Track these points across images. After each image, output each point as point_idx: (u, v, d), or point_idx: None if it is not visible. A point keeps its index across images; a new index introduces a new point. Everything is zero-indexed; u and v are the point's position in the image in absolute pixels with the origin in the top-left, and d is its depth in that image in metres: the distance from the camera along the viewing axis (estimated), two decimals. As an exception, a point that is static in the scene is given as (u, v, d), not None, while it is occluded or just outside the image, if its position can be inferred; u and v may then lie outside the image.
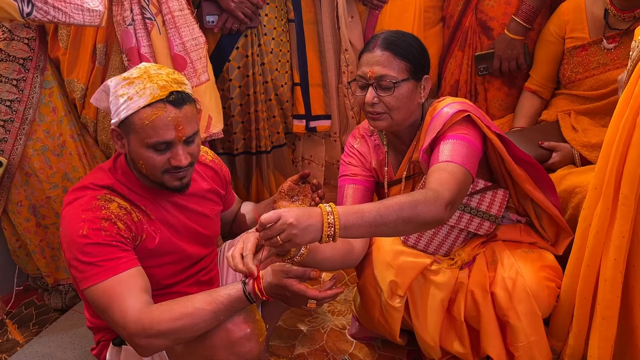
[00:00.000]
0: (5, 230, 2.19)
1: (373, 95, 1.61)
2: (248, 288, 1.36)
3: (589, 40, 2.04)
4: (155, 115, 1.38)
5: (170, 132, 1.40)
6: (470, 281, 1.68)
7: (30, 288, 2.47)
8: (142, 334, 1.31)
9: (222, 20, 2.16)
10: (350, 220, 1.28)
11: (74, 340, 1.93)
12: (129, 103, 1.39)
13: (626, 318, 1.51)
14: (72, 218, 1.41)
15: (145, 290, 1.39)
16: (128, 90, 1.40)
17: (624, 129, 1.35)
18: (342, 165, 1.89)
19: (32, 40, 1.95)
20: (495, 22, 2.29)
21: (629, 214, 1.38)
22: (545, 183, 1.73)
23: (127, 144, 1.45)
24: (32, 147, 2.02)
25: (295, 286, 1.34)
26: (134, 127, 1.40)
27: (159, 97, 1.39)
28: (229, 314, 1.37)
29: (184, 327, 1.32)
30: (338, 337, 2.09)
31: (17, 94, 1.95)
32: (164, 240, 1.53)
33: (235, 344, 1.38)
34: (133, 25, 1.87)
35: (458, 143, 1.54)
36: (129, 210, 1.47)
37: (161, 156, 1.43)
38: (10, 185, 2.05)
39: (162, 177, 1.47)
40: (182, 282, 1.63)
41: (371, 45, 1.64)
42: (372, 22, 2.48)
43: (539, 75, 2.22)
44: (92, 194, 1.45)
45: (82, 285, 1.38)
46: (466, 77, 2.39)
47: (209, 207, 1.70)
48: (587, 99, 2.07)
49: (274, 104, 2.41)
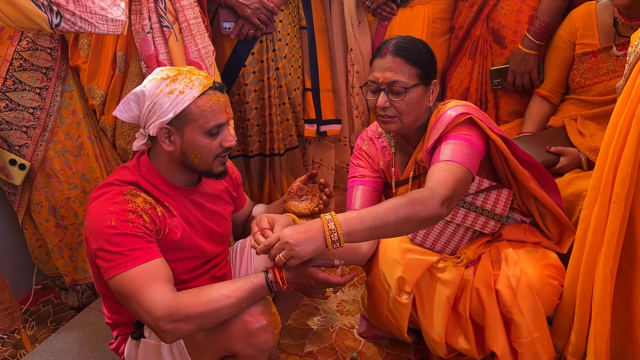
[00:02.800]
0: (27, 230, 2.26)
1: (385, 99, 1.67)
2: (270, 277, 1.42)
3: (598, 47, 2.08)
4: (211, 101, 1.51)
5: (223, 114, 1.54)
6: (475, 279, 1.72)
7: (47, 287, 2.54)
8: (169, 318, 1.35)
9: (238, 27, 2.24)
10: (352, 226, 1.36)
11: (91, 337, 1.99)
12: (182, 96, 1.48)
13: (626, 315, 1.54)
14: (99, 211, 1.46)
15: (169, 279, 1.44)
16: (176, 86, 1.49)
17: (621, 131, 1.39)
18: (351, 167, 1.95)
19: (54, 50, 2.03)
20: (507, 30, 2.33)
21: (619, 212, 1.42)
22: (548, 183, 1.77)
23: (180, 138, 1.52)
24: (52, 148, 2.10)
25: (320, 274, 1.41)
26: (192, 116, 1.50)
27: (209, 85, 1.52)
28: (251, 301, 1.43)
29: (209, 312, 1.37)
30: (347, 335, 2.13)
31: (39, 101, 2.03)
32: (184, 236, 1.59)
33: (253, 335, 1.44)
34: (151, 33, 1.93)
35: (459, 143, 1.59)
36: (153, 205, 1.52)
37: (215, 141, 1.54)
38: (31, 187, 2.13)
39: (212, 163, 1.57)
40: (198, 278, 1.68)
41: (383, 51, 1.69)
42: (381, 33, 2.53)
43: (549, 80, 2.26)
44: (118, 189, 1.51)
45: (109, 274, 1.42)
46: (477, 85, 2.43)
47: (222, 206, 1.76)
48: (595, 104, 2.11)
49: (287, 107, 2.47)
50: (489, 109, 2.45)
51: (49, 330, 2.27)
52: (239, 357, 1.49)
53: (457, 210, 1.75)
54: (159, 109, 1.50)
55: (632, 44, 1.43)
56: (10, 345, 2.19)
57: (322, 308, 2.28)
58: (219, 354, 1.51)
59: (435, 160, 1.59)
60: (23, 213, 2.17)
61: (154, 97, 1.49)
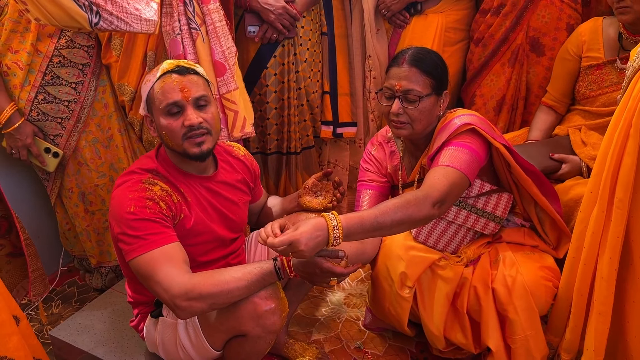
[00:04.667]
0: (58, 213, 2.41)
1: (399, 106, 1.76)
2: (278, 264, 1.52)
3: (603, 60, 2.15)
4: (163, 82, 1.61)
5: (176, 93, 1.60)
6: (474, 277, 1.81)
7: (73, 269, 2.69)
8: (184, 296, 1.45)
9: (262, 31, 2.35)
10: (352, 228, 1.46)
11: (112, 315, 2.10)
12: (148, 84, 1.64)
13: (618, 315, 1.60)
14: (121, 198, 1.58)
15: (185, 261, 1.55)
16: (149, 76, 1.66)
17: (619, 139, 1.47)
18: (361, 171, 2.05)
19: (91, 48, 2.17)
20: (547, 38, 2.39)
21: (623, 217, 1.49)
22: (548, 191, 1.85)
23: (156, 123, 1.65)
24: (84, 139, 2.23)
25: (325, 264, 1.48)
26: (152, 100, 1.63)
27: (166, 69, 1.63)
28: (260, 285, 1.52)
29: (221, 292, 1.47)
30: (352, 326, 2.23)
31: (74, 95, 2.16)
32: (197, 221, 1.69)
33: (262, 317, 1.53)
34: (180, 34, 2.03)
35: (459, 150, 1.69)
36: (169, 193, 1.63)
37: (176, 120, 1.61)
38: (63, 174, 2.27)
39: (183, 145, 1.62)
40: (214, 263, 1.79)
41: (400, 60, 1.78)
42: (395, 39, 2.63)
43: (556, 91, 2.34)
44: (137, 178, 1.63)
45: (129, 257, 1.53)
46: (512, 92, 2.50)
47: (238, 195, 1.85)
48: (598, 115, 2.18)
49: (305, 109, 2.57)
50: (517, 115, 2.54)
51: (73, 309, 2.41)
52: (249, 337, 1.58)
53: (459, 211, 1.84)
54: (142, 98, 1.67)
55: (631, 59, 1.51)
56: (36, 321, 2.34)
57: (330, 300, 2.39)
58: (229, 332, 1.60)
59: (435, 164, 1.69)
60: (55, 197, 2.31)
61: (140, 89, 1.65)
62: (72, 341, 1.97)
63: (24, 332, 1.43)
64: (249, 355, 1.65)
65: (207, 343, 1.64)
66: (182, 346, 1.68)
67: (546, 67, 2.44)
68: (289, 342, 2.04)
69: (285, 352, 2.03)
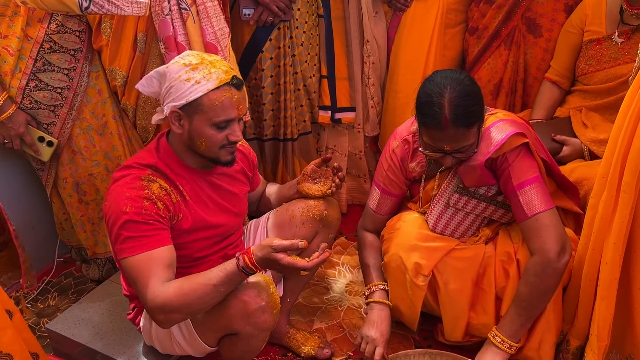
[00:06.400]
0: (54, 204, 2.35)
1: (452, 161, 1.70)
2: (241, 263, 1.44)
3: (604, 35, 2.11)
4: (224, 96, 1.55)
5: (234, 110, 1.58)
6: (497, 252, 1.78)
7: (69, 260, 2.63)
8: (160, 310, 1.45)
9: (257, 13, 2.29)
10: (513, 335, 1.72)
11: (110, 307, 2.06)
12: (197, 86, 1.53)
13: (626, 301, 1.59)
14: (118, 195, 1.55)
15: (169, 265, 1.52)
16: (194, 74, 1.54)
17: (630, 121, 1.44)
18: (379, 168, 1.99)
19: (82, 32, 2.10)
20: (544, 19, 2.35)
21: (630, 201, 1.47)
22: (571, 191, 1.85)
23: (188, 124, 1.58)
24: (78, 126, 2.17)
25: (284, 259, 1.41)
26: (202, 107, 1.55)
27: (225, 80, 1.56)
28: (230, 286, 1.47)
29: (192, 302, 1.44)
30: (354, 314, 2.20)
31: (67, 82, 2.10)
32: (196, 219, 1.66)
33: (251, 315, 1.50)
34: (170, 15, 1.97)
35: (532, 189, 1.67)
36: (168, 192, 1.60)
37: (221, 133, 1.59)
38: (57, 163, 2.21)
39: (219, 153, 1.62)
40: (212, 255, 1.76)
41: (440, 121, 1.59)
42: (395, 22, 2.57)
43: (559, 65, 2.30)
44: (136, 174, 1.59)
45: (119, 256, 1.53)
46: (510, 75, 2.45)
47: (238, 187, 1.83)
48: (597, 94, 2.14)
49: (302, 93, 2.52)
50: (517, 98, 2.50)
51: (70, 300, 2.37)
52: (241, 335, 1.56)
53: (477, 203, 1.80)
54: (175, 92, 1.56)
55: None
56: (33, 314, 2.30)
57: (332, 288, 2.36)
58: (221, 331, 1.59)
59: (523, 216, 1.69)
60: (50, 187, 2.26)
61: (172, 81, 1.55)
62: (70, 334, 1.94)
63: (17, 326, 1.40)
64: (244, 353, 1.63)
65: (201, 340, 1.62)
66: (177, 342, 1.67)
67: (544, 49, 2.40)
68: (291, 332, 2.01)
69: (287, 342, 2.01)
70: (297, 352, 1.99)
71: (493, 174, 1.74)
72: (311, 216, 1.89)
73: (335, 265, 2.51)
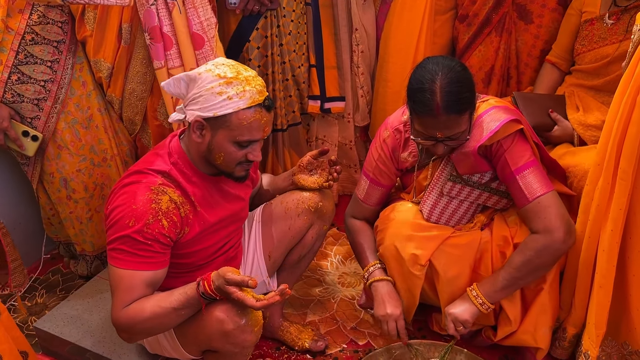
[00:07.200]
0: (40, 199, 2.30)
1: (444, 148, 1.68)
2: (201, 289, 1.42)
3: (597, 15, 2.10)
4: (253, 117, 1.52)
5: (260, 132, 1.56)
6: (493, 237, 1.77)
7: (56, 256, 2.60)
8: (124, 330, 1.47)
9: (243, 2, 2.24)
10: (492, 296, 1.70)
11: (100, 304, 2.03)
12: (228, 102, 1.49)
13: (621, 288, 1.59)
14: (125, 202, 1.50)
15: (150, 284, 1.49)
16: (227, 90, 1.49)
17: (625, 108, 1.43)
18: (369, 158, 1.95)
19: (65, 23, 2.05)
20: (534, 4, 2.34)
21: (627, 188, 1.46)
22: (559, 174, 1.84)
23: (210, 136, 1.54)
24: (63, 120, 2.12)
25: (235, 294, 1.37)
26: (229, 124, 1.51)
27: (258, 101, 1.52)
28: (190, 310, 1.46)
29: (152, 326, 1.46)
30: (348, 306, 2.19)
31: (50, 74, 2.05)
32: (203, 229, 1.63)
33: (230, 335, 1.44)
34: (155, 5, 1.94)
35: (531, 172, 1.66)
36: (178, 205, 1.55)
37: (242, 151, 1.56)
38: (43, 158, 2.16)
39: (234, 168, 1.60)
40: (213, 261, 1.73)
41: (432, 108, 1.57)
42: (384, 9, 2.54)
43: (558, 47, 2.28)
44: (147, 183, 1.53)
45: (109, 260, 1.51)
46: (501, 62, 2.44)
47: (244, 190, 1.81)
48: (588, 74, 2.13)
49: (290, 84, 2.49)
50: (511, 85, 2.49)
51: (58, 298, 2.33)
52: (222, 352, 1.52)
53: (471, 190, 1.78)
54: (203, 102, 1.51)
55: (638, 23, 1.44)
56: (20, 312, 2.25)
57: (324, 280, 2.34)
58: (203, 347, 1.56)
59: (524, 200, 1.67)
60: (36, 183, 2.21)
61: (203, 91, 1.50)
62: (59, 332, 1.90)
63: (6, 325, 1.37)
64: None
65: (184, 351, 1.61)
66: (163, 346, 1.66)
67: (534, 35, 2.38)
68: (284, 325, 1.99)
69: (280, 336, 1.99)
70: (290, 345, 1.97)
71: (487, 161, 1.73)
72: (306, 208, 1.87)
73: (327, 257, 2.49)
